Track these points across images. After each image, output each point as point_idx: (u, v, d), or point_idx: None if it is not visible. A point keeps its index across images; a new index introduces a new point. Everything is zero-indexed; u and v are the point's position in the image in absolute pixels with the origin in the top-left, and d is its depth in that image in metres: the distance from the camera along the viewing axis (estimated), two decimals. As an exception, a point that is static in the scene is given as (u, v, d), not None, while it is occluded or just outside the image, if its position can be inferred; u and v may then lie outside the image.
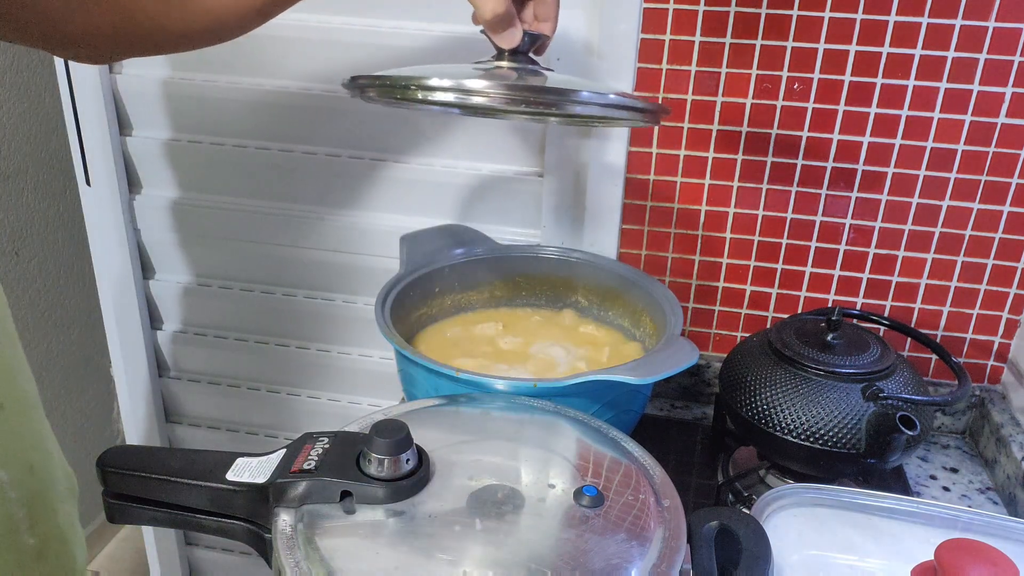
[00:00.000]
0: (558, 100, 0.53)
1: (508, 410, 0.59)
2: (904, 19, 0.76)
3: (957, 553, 0.51)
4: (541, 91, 0.54)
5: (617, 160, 0.87)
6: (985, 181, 0.81)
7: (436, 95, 0.52)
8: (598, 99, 0.54)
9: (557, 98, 0.53)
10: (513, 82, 0.54)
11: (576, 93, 0.54)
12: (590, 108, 0.55)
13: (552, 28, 0.60)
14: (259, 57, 0.93)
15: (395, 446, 0.46)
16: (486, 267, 0.87)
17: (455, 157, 0.95)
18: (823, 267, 0.88)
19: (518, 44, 0.56)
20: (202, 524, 0.49)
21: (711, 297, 0.92)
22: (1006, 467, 0.79)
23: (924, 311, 0.87)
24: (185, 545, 1.28)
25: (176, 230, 1.06)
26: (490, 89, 0.52)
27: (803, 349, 0.72)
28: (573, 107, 0.54)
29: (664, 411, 0.93)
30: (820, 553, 0.62)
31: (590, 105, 0.54)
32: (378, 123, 0.94)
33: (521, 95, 0.52)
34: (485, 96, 0.51)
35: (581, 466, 0.52)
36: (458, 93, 0.52)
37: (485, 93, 0.51)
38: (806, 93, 0.81)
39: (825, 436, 0.68)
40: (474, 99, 0.52)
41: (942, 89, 0.78)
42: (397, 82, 0.53)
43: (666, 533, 0.47)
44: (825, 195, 0.85)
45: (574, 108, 0.54)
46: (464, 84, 0.52)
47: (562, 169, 0.90)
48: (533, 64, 0.58)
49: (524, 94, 0.52)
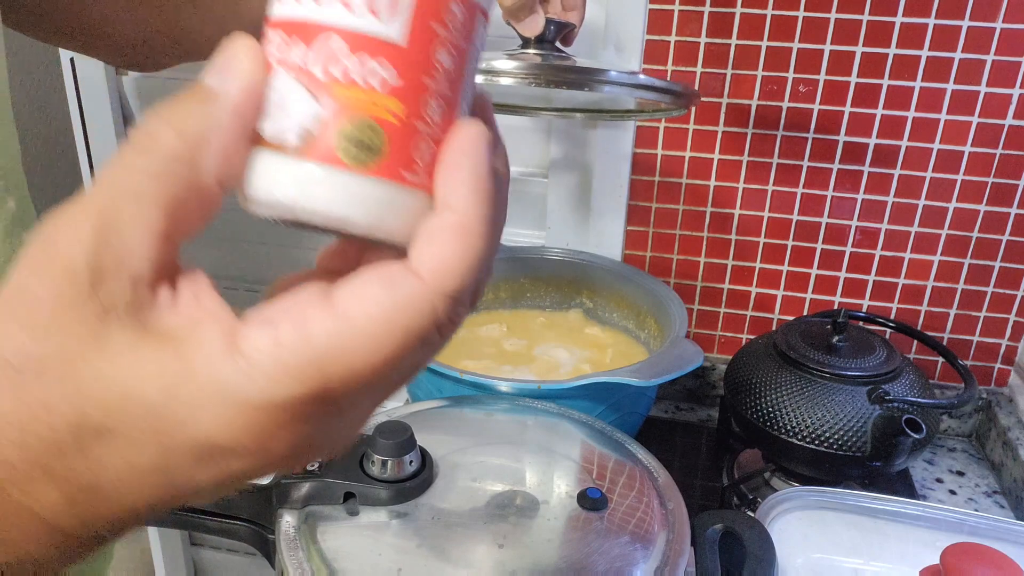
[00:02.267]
0: (587, 79, 0.51)
1: (512, 412, 0.59)
2: (911, 20, 0.76)
3: (963, 557, 0.51)
4: (569, 71, 0.53)
5: (622, 161, 0.87)
6: (992, 183, 0.80)
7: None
8: (628, 79, 0.53)
9: (586, 77, 0.51)
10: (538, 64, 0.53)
11: (605, 72, 0.52)
12: (619, 89, 0.53)
13: (580, 17, 0.59)
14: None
15: (398, 447, 0.46)
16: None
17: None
18: (829, 269, 0.88)
19: (541, 31, 0.55)
20: (206, 525, 0.49)
21: (716, 299, 0.92)
22: (1013, 470, 0.78)
23: (930, 313, 0.87)
24: (190, 545, 1.28)
25: (182, 231, 1.07)
26: (517, 69, 0.50)
27: (808, 351, 0.72)
28: (602, 87, 0.52)
29: (669, 413, 0.93)
30: (825, 556, 0.62)
31: (620, 86, 0.52)
32: (383, 124, 0.94)
33: (549, 75, 0.51)
34: (512, 76, 0.50)
35: (585, 468, 0.52)
36: (486, 75, 0.50)
37: (512, 73, 0.50)
38: (812, 95, 0.81)
39: (830, 439, 0.68)
40: (501, 80, 0.50)
41: (949, 90, 0.78)
42: None
43: (670, 536, 0.47)
44: (831, 197, 0.84)
45: (603, 88, 0.52)
46: (492, 65, 0.50)
47: (567, 170, 0.89)
48: (559, 52, 0.57)
49: (552, 74, 0.51)
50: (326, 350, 0.20)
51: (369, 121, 0.20)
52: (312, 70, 0.20)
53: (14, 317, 0.20)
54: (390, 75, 0.20)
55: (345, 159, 0.20)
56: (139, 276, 0.20)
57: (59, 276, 0.19)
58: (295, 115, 0.21)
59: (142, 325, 0.20)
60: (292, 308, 0.21)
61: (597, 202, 0.89)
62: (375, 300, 0.20)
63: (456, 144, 0.22)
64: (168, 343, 0.20)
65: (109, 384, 0.20)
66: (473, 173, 0.21)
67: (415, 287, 0.20)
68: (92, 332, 0.20)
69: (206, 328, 0.20)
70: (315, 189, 0.21)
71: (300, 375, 0.20)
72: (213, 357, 0.20)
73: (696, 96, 0.57)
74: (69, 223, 0.20)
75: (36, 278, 0.20)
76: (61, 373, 0.20)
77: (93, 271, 0.19)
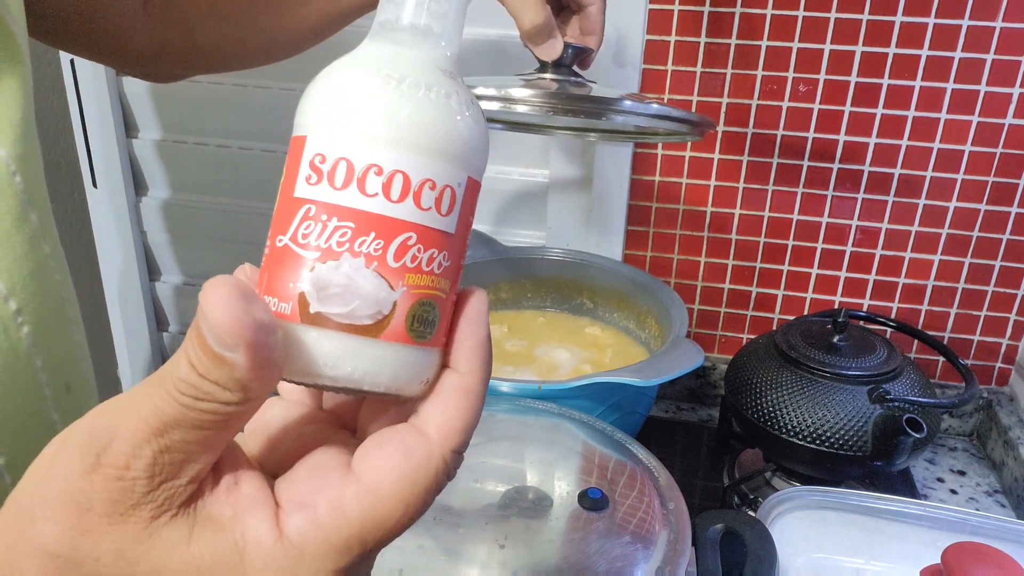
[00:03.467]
0: (601, 109, 0.52)
1: (513, 412, 0.59)
2: (911, 20, 0.76)
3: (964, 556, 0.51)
4: (583, 100, 0.53)
5: (622, 162, 0.87)
6: (992, 182, 0.80)
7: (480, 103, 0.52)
8: (642, 109, 0.53)
9: (599, 107, 0.52)
10: (554, 92, 0.53)
11: (619, 102, 0.52)
12: (634, 119, 0.53)
13: (597, 42, 0.58)
14: (265, 59, 0.94)
15: (400, 448, 0.46)
16: (491, 269, 0.87)
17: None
18: (829, 269, 0.88)
19: (560, 56, 0.55)
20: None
21: (717, 299, 0.92)
22: (1014, 470, 0.78)
23: (931, 313, 0.87)
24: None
25: (182, 232, 1.07)
26: (532, 97, 0.50)
27: (809, 351, 0.72)
28: (616, 117, 0.52)
29: (670, 413, 0.93)
30: (826, 556, 0.62)
31: (634, 115, 0.53)
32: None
33: (563, 104, 0.51)
34: (528, 104, 0.50)
35: (586, 468, 0.52)
36: (502, 102, 0.50)
37: (527, 101, 0.50)
38: (812, 94, 0.81)
39: (831, 438, 0.68)
40: (517, 107, 0.50)
41: (949, 90, 0.78)
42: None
43: (671, 536, 0.47)
44: (831, 196, 0.84)
45: (617, 118, 0.53)
46: (508, 93, 0.50)
47: (568, 171, 0.89)
48: (576, 77, 0.56)
49: (566, 103, 0.51)
50: (362, 523, 0.23)
51: (431, 301, 0.23)
52: (386, 258, 0.22)
53: (65, 518, 0.21)
54: (445, 259, 0.24)
55: (412, 337, 0.23)
56: (195, 477, 0.22)
57: (112, 482, 0.21)
58: (367, 297, 0.22)
59: (193, 519, 0.22)
60: (323, 487, 0.23)
61: (598, 202, 0.89)
62: (396, 469, 0.23)
63: (467, 315, 0.25)
64: (219, 534, 0.22)
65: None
66: (478, 342, 0.25)
67: (426, 448, 0.24)
68: (147, 530, 0.21)
69: (252, 517, 0.22)
70: (385, 363, 0.23)
71: (344, 549, 0.23)
72: (264, 546, 0.22)
73: (711, 125, 0.57)
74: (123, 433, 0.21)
75: (86, 482, 0.21)
76: (118, 570, 0.21)
77: (151, 478, 0.21)
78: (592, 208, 0.90)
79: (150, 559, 0.21)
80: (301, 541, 0.22)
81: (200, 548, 0.22)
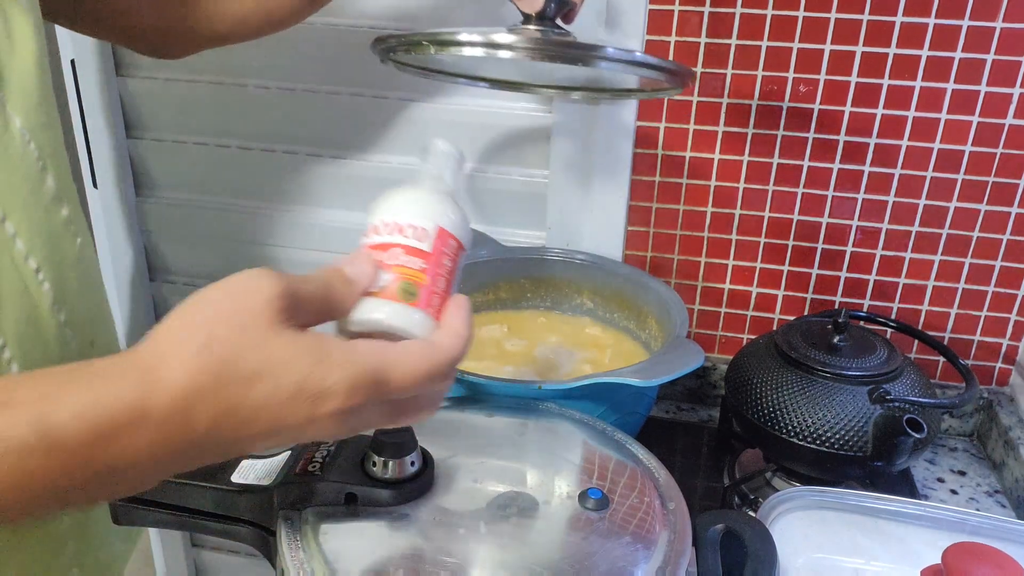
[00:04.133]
0: (584, 55, 0.53)
1: (513, 412, 0.59)
2: (911, 20, 0.76)
3: (964, 557, 0.51)
4: (564, 46, 0.54)
5: (622, 161, 0.87)
6: (993, 182, 0.80)
7: (464, 50, 0.53)
8: (623, 56, 0.54)
9: (583, 52, 0.53)
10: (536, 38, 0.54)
11: (601, 49, 0.53)
12: (616, 66, 0.55)
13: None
14: (265, 59, 0.94)
15: (399, 448, 0.46)
16: (491, 269, 0.87)
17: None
18: (829, 269, 0.88)
19: (542, 8, 0.56)
20: (207, 526, 0.49)
21: (717, 299, 0.92)
22: (1014, 470, 0.78)
23: (931, 313, 0.87)
24: (191, 547, 1.28)
25: (183, 232, 1.07)
26: (517, 43, 0.52)
27: (809, 351, 0.72)
28: (597, 62, 0.54)
29: (670, 413, 0.93)
30: (826, 556, 0.62)
31: (615, 62, 0.54)
32: (384, 125, 0.94)
33: (545, 49, 0.52)
34: (511, 50, 0.52)
35: (586, 469, 0.52)
36: (485, 48, 0.52)
37: (512, 47, 0.52)
38: (812, 94, 0.81)
39: (831, 439, 0.68)
40: (500, 53, 0.52)
41: (949, 90, 0.78)
42: (424, 38, 0.54)
43: (671, 536, 0.47)
44: (832, 196, 0.84)
45: (598, 64, 0.54)
46: (492, 39, 0.52)
47: (567, 170, 0.89)
48: (559, 29, 0.58)
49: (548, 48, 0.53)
50: (396, 356, 0.38)
51: (412, 281, 0.41)
52: (388, 262, 0.41)
53: (228, 323, 0.36)
54: (422, 264, 0.42)
55: (401, 297, 0.41)
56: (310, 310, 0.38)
57: (262, 303, 0.36)
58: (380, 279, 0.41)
59: (302, 331, 0.37)
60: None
61: (598, 202, 0.89)
62: (419, 345, 0.39)
63: (455, 301, 0.42)
64: (313, 338, 0.37)
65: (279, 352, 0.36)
66: (463, 311, 0.42)
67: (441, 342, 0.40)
68: (275, 330, 0.36)
69: (330, 336, 0.38)
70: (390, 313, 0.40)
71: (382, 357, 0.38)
72: (344, 346, 0.37)
73: (692, 75, 0.58)
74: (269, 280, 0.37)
75: (247, 298, 0.37)
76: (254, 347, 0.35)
77: (290, 306, 0.37)
78: (592, 208, 0.90)
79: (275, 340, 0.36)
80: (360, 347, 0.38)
81: (306, 341, 0.36)
